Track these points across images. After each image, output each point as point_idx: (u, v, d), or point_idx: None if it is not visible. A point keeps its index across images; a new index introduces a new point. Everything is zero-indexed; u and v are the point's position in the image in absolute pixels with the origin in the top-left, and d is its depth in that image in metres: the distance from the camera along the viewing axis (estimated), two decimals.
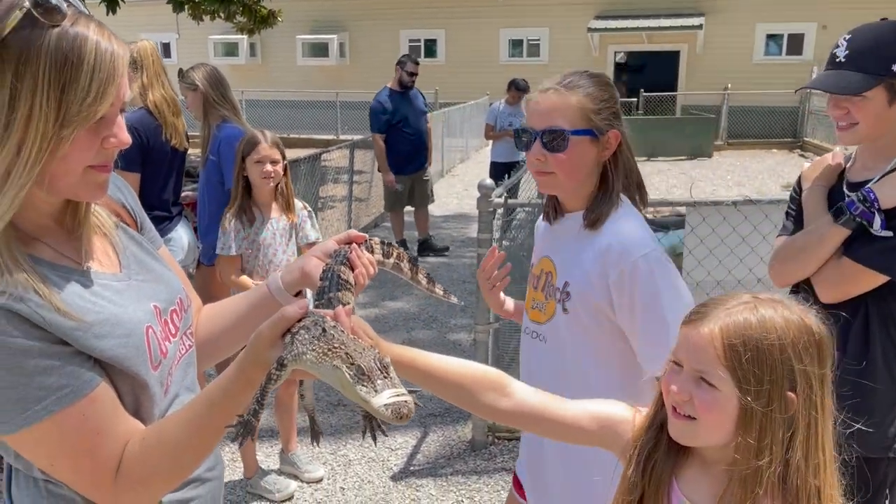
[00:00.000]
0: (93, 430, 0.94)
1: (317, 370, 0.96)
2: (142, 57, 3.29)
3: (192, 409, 1.01)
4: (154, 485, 1.00)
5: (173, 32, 19.47)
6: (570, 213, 1.70)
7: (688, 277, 3.68)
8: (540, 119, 1.62)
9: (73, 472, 0.96)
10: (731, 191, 11.40)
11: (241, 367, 1.00)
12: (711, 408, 1.08)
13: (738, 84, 17.32)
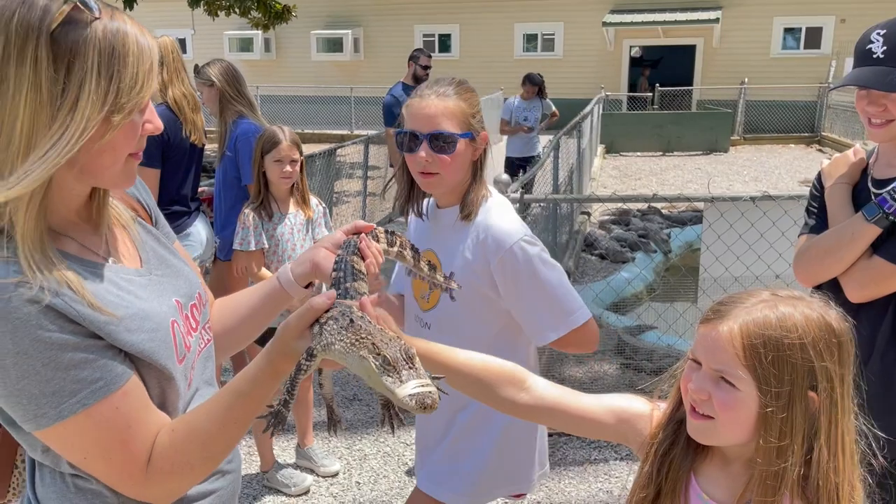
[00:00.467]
0: (125, 423, 0.96)
1: (344, 360, 0.99)
2: (161, 53, 3.30)
3: (221, 400, 1.02)
4: (184, 476, 1.01)
5: (189, 28, 19.53)
6: (444, 209, 1.83)
7: (705, 273, 3.66)
8: (426, 123, 1.72)
9: (106, 464, 0.96)
10: (747, 186, 11.32)
11: (269, 357, 1.02)
12: (731, 408, 1.07)
13: (755, 78, 17.18)
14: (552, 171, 6.04)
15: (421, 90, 1.76)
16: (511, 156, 8.05)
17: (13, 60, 0.88)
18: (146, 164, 3.24)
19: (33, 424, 0.92)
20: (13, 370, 0.88)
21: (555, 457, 3.54)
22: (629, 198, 4.02)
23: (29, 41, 0.89)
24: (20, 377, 0.88)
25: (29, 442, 0.99)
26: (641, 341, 4.86)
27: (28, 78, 0.89)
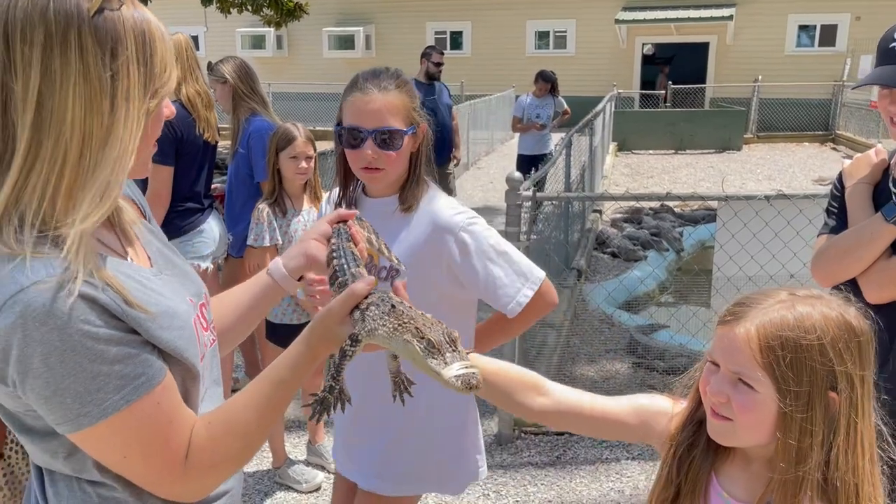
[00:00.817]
0: (166, 419, 0.94)
1: (388, 344, 1.02)
2: (175, 51, 3.30)
3: (259, 389, 1.02)
4: (225, 469, 1.00)
5: (202, 25, 19.62)
6: (377, 199, 1.82)
7: (718, 273, 3.64)
8: (371, 119, 1.69)
9: (145, 463, 0.93)
10: (760, 184, 11.24)
11: (308, 344, 1.04)
12: (749, 410, 1.05)
13: (768, 76, 17.06)
14: (564, 168, 6.02)
15: (361, 84, 1.74)
16: (523, 153, 8.01)
17: (57, 50, 0.85)
18: (160, 161, 3.25)
19: (73, 425, 0.88)
20: (59, 368, 0.85)
21: (565, 456, 3.53)
22: (642, 196, 3.99)
23: (70, 28, 0.86)
24: (66, 374, 0.86)
25: (50, 450, 0.95)
26: (654, 340, 4.84)
27: (75, 67, 0.86)
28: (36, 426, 0.93)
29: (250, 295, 1.30)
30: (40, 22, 0.85)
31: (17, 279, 0.85)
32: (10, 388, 0.88)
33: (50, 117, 0.86)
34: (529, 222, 3.61)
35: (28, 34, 0.85)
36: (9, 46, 0.85)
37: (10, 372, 0.86)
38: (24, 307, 0.84)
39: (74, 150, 0.87)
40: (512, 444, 3.62)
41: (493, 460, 3.51)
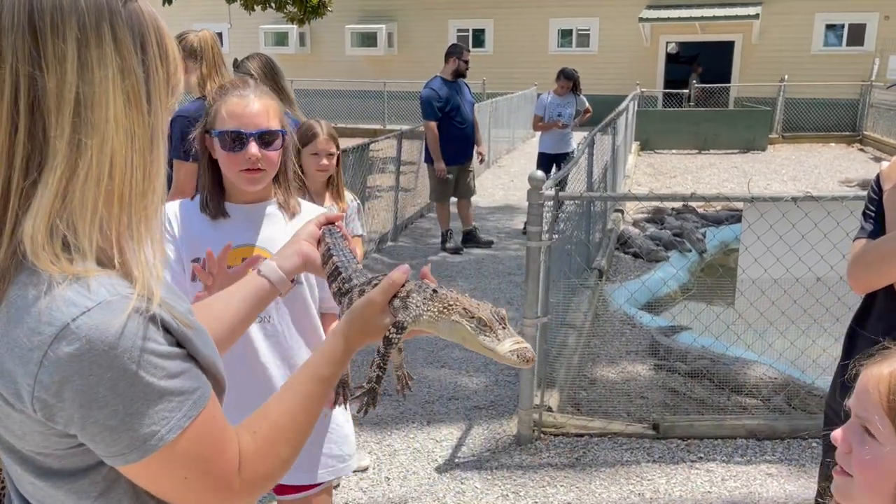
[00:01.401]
0: (220, 431, 0.89)
1: (434, 328, 1.05)
2: (202, 47, 3.31)
3: (300, 387, 1.00)
4: (276, 475, 0.97)
5: (225, 22, 19.76)
6: (249, 205, 1.87)
7: (743, 275, 3.58)
8: (253, 120, 1.77)
9: (205, 481, 0.87)
10: (785, 185, 11.10)
11: (346, 337, 1.03)
12: (869, 466, 0.92)
13: (795, 75, 16.83)
14: (586, 168, 5.98)
15: (235, 92, 1.82)
16: (544, 151, 7.94)
17: (92, 41, 0.79)
18: (184, 158, 3.27)
19: (140, 452, 0.81)
20: (129, 392, 0.79)
21: (585, 458, 3.50)
22: (667, 196, 3.94)
23: (103, 19, 0.80)
24: (135, 398, 0.79)
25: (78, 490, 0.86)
26: (675, 342, 4.78)
27: (112, 61, 0.80)
28: (62, 466, 0.84)
29: (241, 300, 1.26)
30: (72, 12, 0.78)
31: (76, 302, 0.77)
32: (59, 426, 0.79)
33: (91, 116, 0.79)
34: (551, 222, 3.58)
35: (59, 26, 0.77)
36: (37, 39, 0.77)
37: (65, 407, 0.77)
38: (90, 331, 0.76)
39: (120, 152, 0.81)
40: (531, 445, 3.60)
41: (512, 461, 3.49)
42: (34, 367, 0.76)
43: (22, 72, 0.77)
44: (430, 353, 4.79)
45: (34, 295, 0.77)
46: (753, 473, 3.36)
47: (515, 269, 6.71)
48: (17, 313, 0.77)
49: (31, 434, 0.81)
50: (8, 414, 0.81)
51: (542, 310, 3.58)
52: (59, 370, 0.76)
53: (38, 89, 0.77)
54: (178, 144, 3.28)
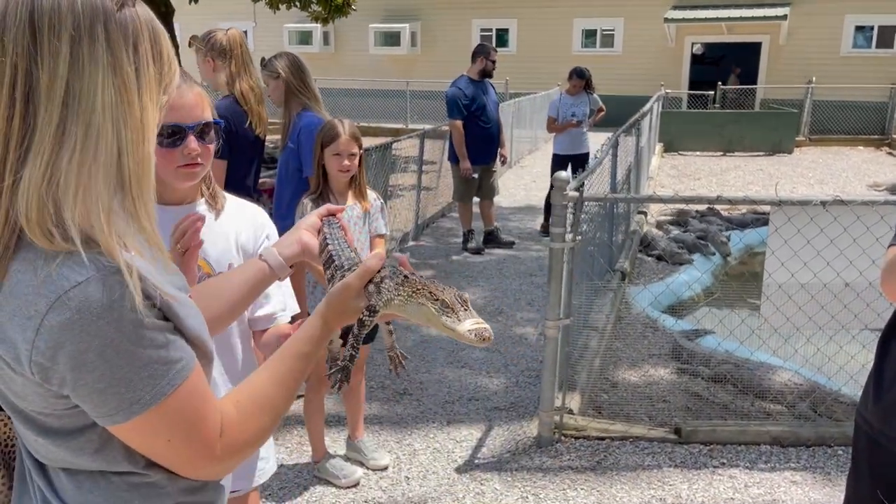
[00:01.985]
0: (202, 399, 0.96)
1: (403, 311, 1.13)
2: (231, 46, 3.34)
3: (281, 363, 1.08)
4: (256, 444, 1.04)
5: (250, 21, 19.88)
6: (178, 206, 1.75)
7: (769, 279, 3.54)
8: (189, 114, 1.65)
9: (188, 444, 0.95)
10: (812, 189, 10.95)
11: (325, 318, 1.12)
12: None
13: (823, 77, 16.60)
14: (610, 169, 5.94)
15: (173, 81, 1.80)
16: (558, 153, 7.84)
17: (85, 41, 0.87)
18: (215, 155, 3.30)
19: (126, 414, 0.90)
20: (115, 359, 0.87)
21: (606, 461, 3.47)
22: (692, 199, 3.89)
23: (97, 22, 0.88)
24: (122, 365, 0.88)
25: (75, 447, 0.95)
26: (699, 346, 4.74)
27: (103, 58, 0.88)
28: (62, 426, 0.93)
29: (243, 282, 1.36)
30: (68, 13, 0.86)
31: (67, 275, 0.85)
32: (55, 388, 0.88)
33: (78, 106, 0.87)
34: (574, 223, 3.56)
35: (56, 26, 0.86)
36: (36, 37, 0.85)
37: (58, 370, 0.86)
38: (80, 302, 0.85)
39: (109, 142, 0.88)
40: (552, 448, 3.58)
41: (532, 463, 3.47)
42: (31, 334, 0.85)
43: (20, 65, 0.85)
44: (451, 354, 4.79)
45: (32, 269, 0.86)
46: (777, 481, 3.32)
47: (537, 270, 6.68)
48: (17, 286, 0.86)
49: (32, 395, 0.90)
50: (11, 377, 0.90)
51: (564, 311, 3.56)
52: (53, 337, 0.85)
53: (32, 81, 0.85)
54: None
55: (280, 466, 3.44)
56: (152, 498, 0.99)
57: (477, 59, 6.93)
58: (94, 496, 0.97)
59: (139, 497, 0.98)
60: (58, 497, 0.98)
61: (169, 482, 0.99)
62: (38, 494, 1.00)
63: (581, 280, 4.20)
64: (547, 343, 3.56)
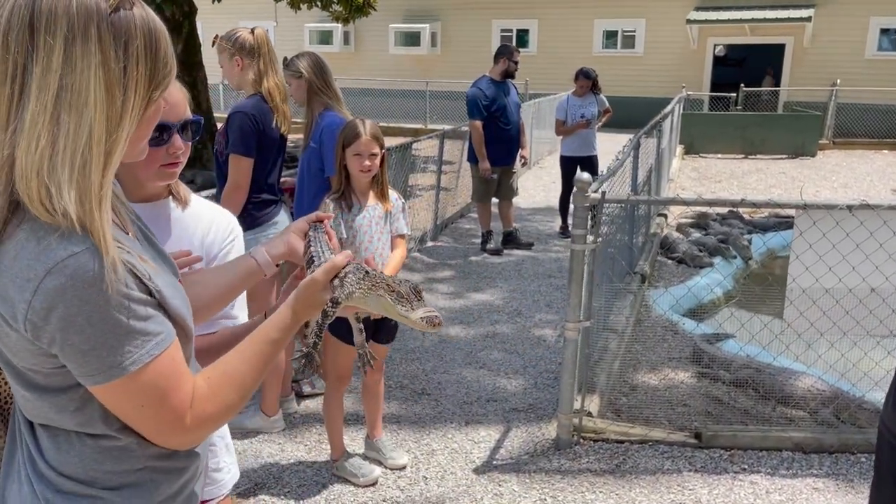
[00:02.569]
0: (177, 372, 1.06)
1: (364, 303, 1.24)
2: (258, 44, 3.36)
3: (251, 346, 1.17)
4: (222, 418, 1.12)
5: (271, 20, 20.00)
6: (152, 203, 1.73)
7: (793, 283, 3.50)
8: (175, 111, 1.62)
9: (157, 413, 1.04)
10: (836, 193, 10.82)
11: (293, 309, 1.21)
12: None
13: (847, 80, 16.40)
14: (631, 171, 5.90)
15: None
16: (566, 155, 7.80)
17: (78, 40, 0.96)
18: (243, 152, 3.33)
19: (105, 376, 0.99)
20: (101, 325, 0.97)
21: (625, 465, 3.45)
22: (715, 201, 3.84)
23: (90, 23, 0.97)
24: (106, 331, 0.97)
25: (58, 405, 1.04)
26: (720, 350, 4.69)
27: (95, 56, 0.97)
28: (48, 383, 1.03)
29: (232, 274, 1.47)
30: (63, 15, 0.95)
31: (65, 246, 0.96)
32: (43, 346, 0.98)
33: (69, 97, 0.96)
34: (596, 225, 3.54)
35: (52, 25, 0.95)
36: (33, 35, 0.95)
37: (49, 330, 0.96)
38: (74, 270, 0.95)
39: (98, 130, 0.97)
40: (570, 450, 3.57)
41: (550, 465, 3.46)
42: (29, 295, 0.95)
43: (19, 61, 0.95)
44: (469, 354, 4.78)
45: (35, 239, 0.96)
46: (799, 487, 3.28)
47: (556, 272, 6.66)
48: (21, 251, 0.97)
49: (23, 352, 1.00)
50: (7, 333, 1.00)
51: (584, 313, 3.54)
52: (48, 299, 0.95)
53: (27, 75, 0.96)
54: (237, 140, 3.32)
55: (299, 464, 3.46)
56: (123, 461, 1.08)
57: (499, 60, 6.92)
58: (69, 456, 1.06)
59: (111, 459, 1.07)
60: (42, 455, 1.08)
61: (139, 447, 1.08)
62: (25, 451, 1.10)
63: (601, 282, 4.18)
64: (566, 345, 3.54)
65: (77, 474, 1.07)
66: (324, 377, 3.46)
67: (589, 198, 3.41)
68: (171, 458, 1.12)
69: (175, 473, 1.15)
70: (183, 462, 1.15)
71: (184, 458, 1.15)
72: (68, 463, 1.07)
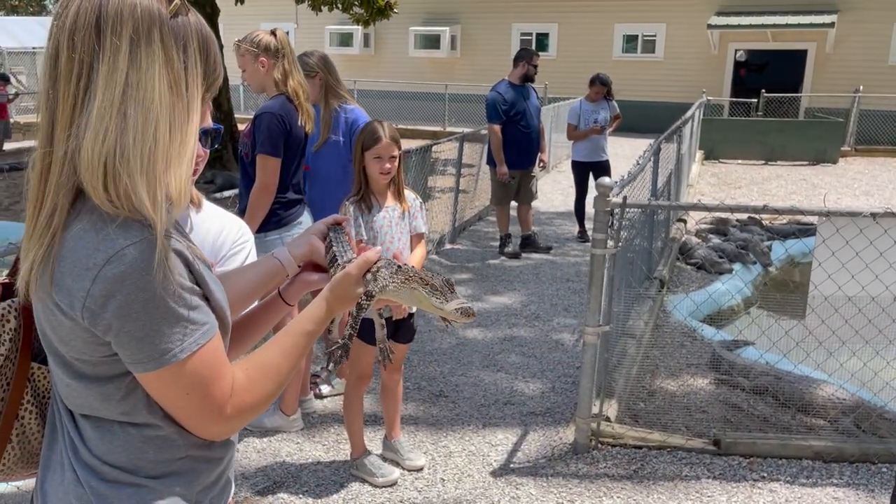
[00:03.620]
0: (220, 362, 1.09)
1: (397, 296, 1.29)
2: (282, 45, 3.41)
3: (287, 338, 1.21)
4: (259, 409, 1.15)
5: (292, 22, 20.13)
6: None
7: (815, 291, 3.47)
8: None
9: (201, 402, 1.07)
10: (857, 200, 10.71)
11: (328, 302, 1.26)
12: None
13: (870, 86, 16.22)
14: (651, 175, 5.88)
15: None
16: (578, 160, 7.84)
17: (143, 41, 1.02)
18: (271, 152, 3.37)
19: (156, 363, 1.02)
20: (155, 312, 1.00)
21: (643, 470, 3.44)
22: (737, 208, 3.82)
23: (153, 25, 1.03)
24: (160, 318, 1.01)
25: (104, 393, 1.07)
26: (739, 357, 4.66)
27: (159, 57, 1.03)
28: (95, 373, 1.06)
29: (256, 274, 1.50)
30: (129, 18, 1.02)
31: (124, 235, 1.00)
32: (99, 333, 1.01)
33: (135, 94, 1.01)
34: (617, 229, 3.53)
35: (118, 27, 1.01)
36: (100, 36, 1.01)
37: (106, 317, 0.99)
38: (133, 259, 0.99)
39: (163, 125, 1.03)
40: (588, 455, 3.56)
41: (568, 469, 3.46)
42: (88, 283, 0.99)
43: (85, 60, 1.01)
44: (486, 357, 4.79)
45: (94, 229, 1.00)
46: (819, 496, 3.25)
47: (573, 276, 6.65)
48: (80, 241, 1.00)
49: (75, 341, 1.03)
50: (60, 322, 1.03)
51: (604, 318, 3.54)
52: (107, 286, 0.98)
53: (93, 73, 1.01)
54: (266, 140, 3.37)
55: (317, 463, 3.48)
56: (165, 450, 1.11)
57: (519, 64, 6.92)
58: (113, 445, 1.09)
59: (154, 448, 1.10)
60: (85, 445, 1.10)
61: (180, 436, 1.11)
62: (67, 441, 1.12)
63: (621, 287, 4.17)
64: (586, 349, 3.54)
65: (121, 463, 1.10)
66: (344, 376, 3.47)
67: (610, 202, 3.41)
68: (209, 447, 1.16)
69: (214, 463, 1.18)
70: (220, 452, 1.19)
71: (220, 447, 1.19)
72: (112, 452, 1.10)
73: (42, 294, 1.03)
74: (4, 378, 1.15)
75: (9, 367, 1.15)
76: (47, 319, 1.05)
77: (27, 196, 1.06)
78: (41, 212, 1.03)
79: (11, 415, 1.16)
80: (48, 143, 1.03)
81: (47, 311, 1.04)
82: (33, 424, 1.19)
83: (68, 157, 1.01)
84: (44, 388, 1.20)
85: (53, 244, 1.01)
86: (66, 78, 1.01)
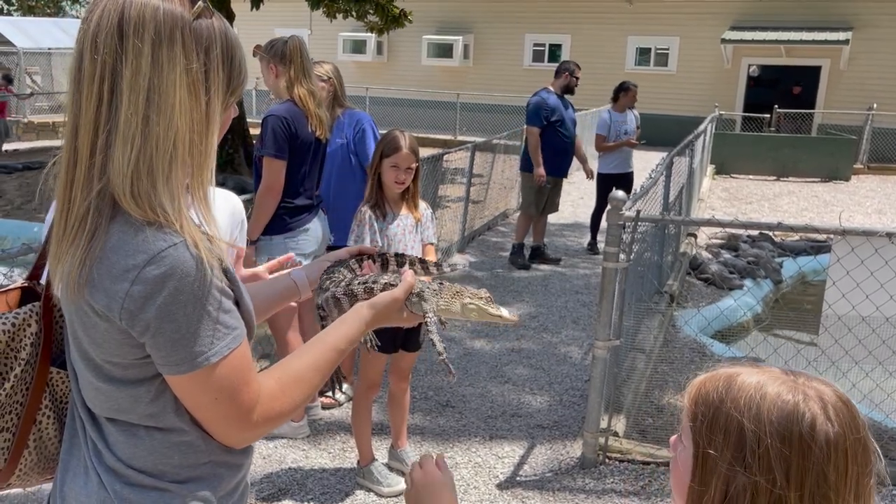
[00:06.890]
0: (249, 367, 1.10)
1: (447, 313, 1.35)
2: (291, 53, 3.44)
3: (320, 353, 1.20)
4: (285, 417, 1.15)
5: (306, 28, 20.22)
6: None
7: (828, 310, 3.44)
8: None
9: (228, 406, 1.07)
10: (869, 218, 10.64)
11: (367, 324, 1.27)
12: (675, 467, 1.00)
13: (884, 104, 16.15)
14: (663, 189, 5.86)
15: None
16: (606, 172, 7.64)
17: (165, 44, 1.02)
18: (275, 154, 3.41)
19: (190, 365, 1.03)
20: (193, 314, 1.01)
21: (651, 486, 3.41)
22: (751, 224, 3.79)
23: (176, 29, 1.03)
24: (197, 320, 1.02)
25: (134, 395, 1.07)
26: None
27: (179, 60, 1.03)
28: (124, 376, 1.06)
29: (271, 291, 1.52)
30: (151, 21, 1.02)
31: (164, 238, 1.01)
32: (135, 334, 1.02)
33: (157, 99, 1.01)
34: (629, 243, 3.51)
35: (140, 30, 1.01)
36: (122, 39, 1.01)
37: (145, 318, 1.00)
38: (174, 260, 1.00)
39: (183, 131, 1.03)
40: (595, 470, 3.53)
41: (575, 484, 3.42)
42: (128, 284, 0.99)
43: (108, 62, 1.01)
44: (494, 369, 4.76)
45: (131, 233, 1.01)
46: None
47: (583, 288, 6.62)
48: (117, 244, 1.01)
49: (109, 342, 1.04)
50: (95, 324, 1.03)
51: (614, 332, 3.51)
52: (147, 288, 0.99)
53: (116, 75, 1.01)
54: (270, 142, 3.40)
55: (322, 471, 3.46)
56: (189, 455, 1.11)
57: (562, 75, 6.93)
58: (139, 450, 1.10)
59: (178, 453, 1.10)
60: (109, 449, 1.10)
61: (203, 442, 1.12)
62: (90, 446, 1.12)
63: (631, 301, 4.14)
64: (595, 363, 3.51)
65: (147, 467, 1.10)
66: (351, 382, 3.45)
67: (623, 216, 3.39)
68: (231, 453, 1.16)
69: (235, 469, 1.18)
70: (241, 458, 1.20)
71: (241, 454, 1.19)
72: (138, 456, 1.10)
73: (75, 296, 1.03)
74: (24, 383, 1.15)
75: (29, 371, 1.15)
76: (80, 321, 1.05)
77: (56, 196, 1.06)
78: (70, 213, 1.03)
79: (30, 419, 1.16)
80: (73, 142, 1.03)
81: (80, 312, 1.04)
82: (51, 429, 1.19)
83: (97, 162, 1.02)
84: (61, 393, 1.19)
85: (91, 246, 1.01)
86: (90, 79, 1.02)
